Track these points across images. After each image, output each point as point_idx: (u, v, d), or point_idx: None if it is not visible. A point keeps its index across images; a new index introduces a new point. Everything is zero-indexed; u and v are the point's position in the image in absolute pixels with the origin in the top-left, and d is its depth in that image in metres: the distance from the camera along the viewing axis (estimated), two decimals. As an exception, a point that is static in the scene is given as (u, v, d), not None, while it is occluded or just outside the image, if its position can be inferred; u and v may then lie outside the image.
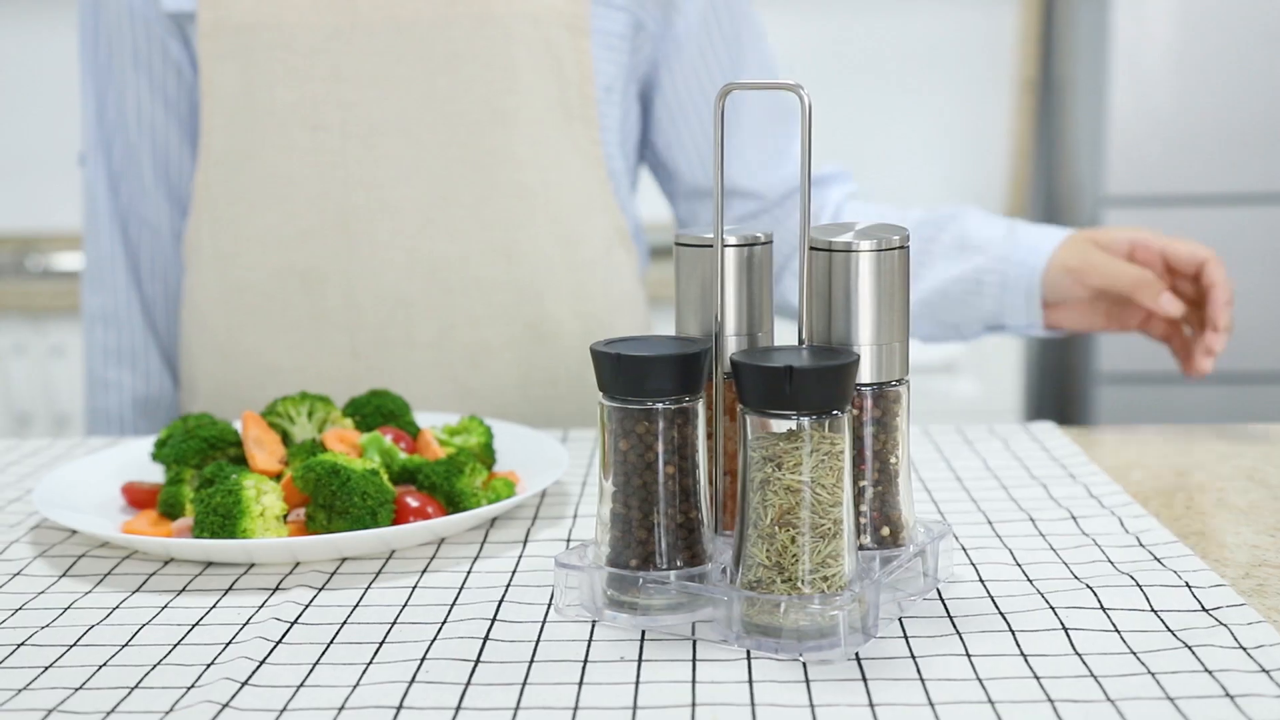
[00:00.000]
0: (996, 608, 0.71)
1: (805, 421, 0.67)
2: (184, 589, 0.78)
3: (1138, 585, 0.72)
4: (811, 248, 0.73)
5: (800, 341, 0.73)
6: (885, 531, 0.74)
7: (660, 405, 0.71)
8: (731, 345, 0.76)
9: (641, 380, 0.71)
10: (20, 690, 0.65)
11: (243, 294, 1.14)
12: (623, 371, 0.71)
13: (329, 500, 0.83)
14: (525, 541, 0.85)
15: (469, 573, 0.80)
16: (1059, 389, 2.83)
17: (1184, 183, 2.52)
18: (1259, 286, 2.52)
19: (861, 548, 0.74)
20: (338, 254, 1.12)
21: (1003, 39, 2.96)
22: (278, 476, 0.89)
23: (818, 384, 0.67)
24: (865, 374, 0.73)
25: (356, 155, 1.10)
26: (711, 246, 0.76)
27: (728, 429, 0.77)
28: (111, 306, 1.20)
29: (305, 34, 1.09)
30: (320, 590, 0.78)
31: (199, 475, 0.87)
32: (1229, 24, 2.46)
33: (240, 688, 0.64)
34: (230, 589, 0.78)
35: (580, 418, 1.17)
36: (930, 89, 2.95)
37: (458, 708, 0.62)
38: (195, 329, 1.18)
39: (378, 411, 0.97)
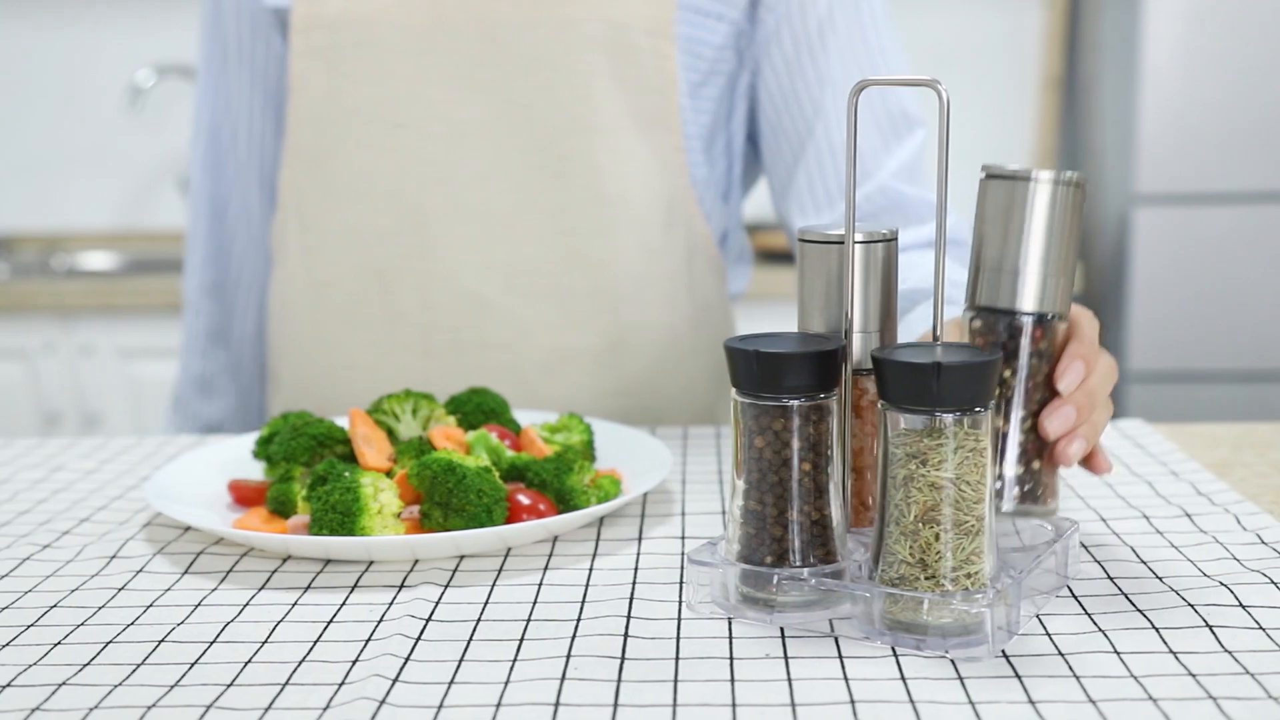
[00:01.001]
0: (1134, 605, 0.71)
1: (950, 419, 0.67)
2: (309, 586, 0.78)
3: (1273, 583, 0.72)
4: (989, 176, 0.75)
5: (935, 339, 0.73)
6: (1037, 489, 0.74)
7: (797, 402, 0.71)
8: (857, 342, 0.76)
9: (780, 377, 0.71)
10: (172, 687, 0.65)
11: (324, 290, 1.14)
12: (762, 368, 0.71)
13: (445, 498, 0.83)
14: (640, 539, 0.85)
15: (591, 570, 0.80)
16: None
17: (1215, 180, 2.52)
18: (1294, 284, 2.53)
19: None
20: (414, 254, 1.12)
21: (1027, 37, 2.97)
22: (387, 474, 0.89)
23: (964, 381, 0.67)
24: (1029, 302, 0.73)
25: (436, 155, 1.10)
26: (837, 243, 0.76)
27: (855, 426, 0.77)
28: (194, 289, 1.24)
29: (391, 32, 1.09)
30: (446, 588, 0.78)
31: (311, 473, 0.87)
32: (1258, 21, 2.46)
33: (392, 684, 0.64)
34: (355, 586, 0.78)
35: (654, 427, 1.17)
36: (953, 88, 2.95)
37: (615, 704, 0.62)
38: (280, 323, 1.18)
39: (479, 409, 0.97)
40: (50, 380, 2.62)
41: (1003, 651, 0.66)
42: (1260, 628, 0.67)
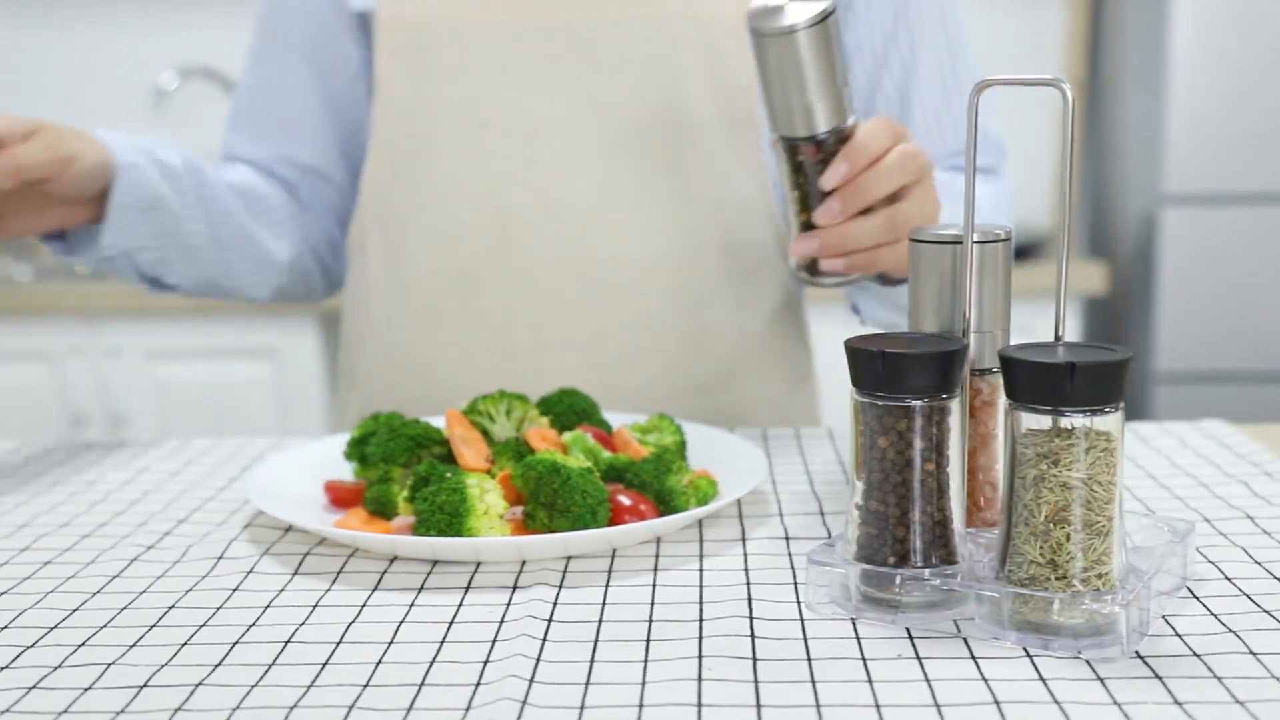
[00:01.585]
0: (1259, 606, 0.71)
1: (1082, 418, 0.67)
2: (422, 587, 0.78)
3: (1395, 582, 0.72)
4: (756, 34, 0.90)
5: (1056, 338, 0.73)
6: None
7: (921, 402, 0.71)
8: (971, 343, 0.76)
9: (906, 377, 0.71)
10: (309, 687, 0.65)
11: (405, 289, 1.14)
12: (887, 368, 0.71)
13: (550, 499, 0.83)
14: (743, 540, 0.85)
15: (701, 571, 0.80)
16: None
17: (1243, 181, 2.53)
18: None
19: None
20: (496, 253, 1.12)
21: (1049, 38, 2.97)
22: (487, 475, 0.88)
23: (1097, 380, 0.67)
24: (801, 128, 0.92)
25: (520, 155, 1.10)
26: (951, 243, 0.76)
27: (970, 426, 0.77)
28: None
29: (476, 32, 1.09)
30: (560, 589, 0.77)
31: (412, 474, 0.87)
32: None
33: (530, 685, 0.64)
34: (469, 587, 0.78)
35: (730, 426, 1.17)
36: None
37: (757, 704, 0.62)
38: (358, 322, 1.18)
39: (570, 410, 0.97)
40: (76, 382, 2.62)
41: (1136, 652, 0.66)
42: (1392, 628, 0.67)
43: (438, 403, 1.14)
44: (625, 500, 0.86)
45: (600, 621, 0.73)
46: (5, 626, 0.73)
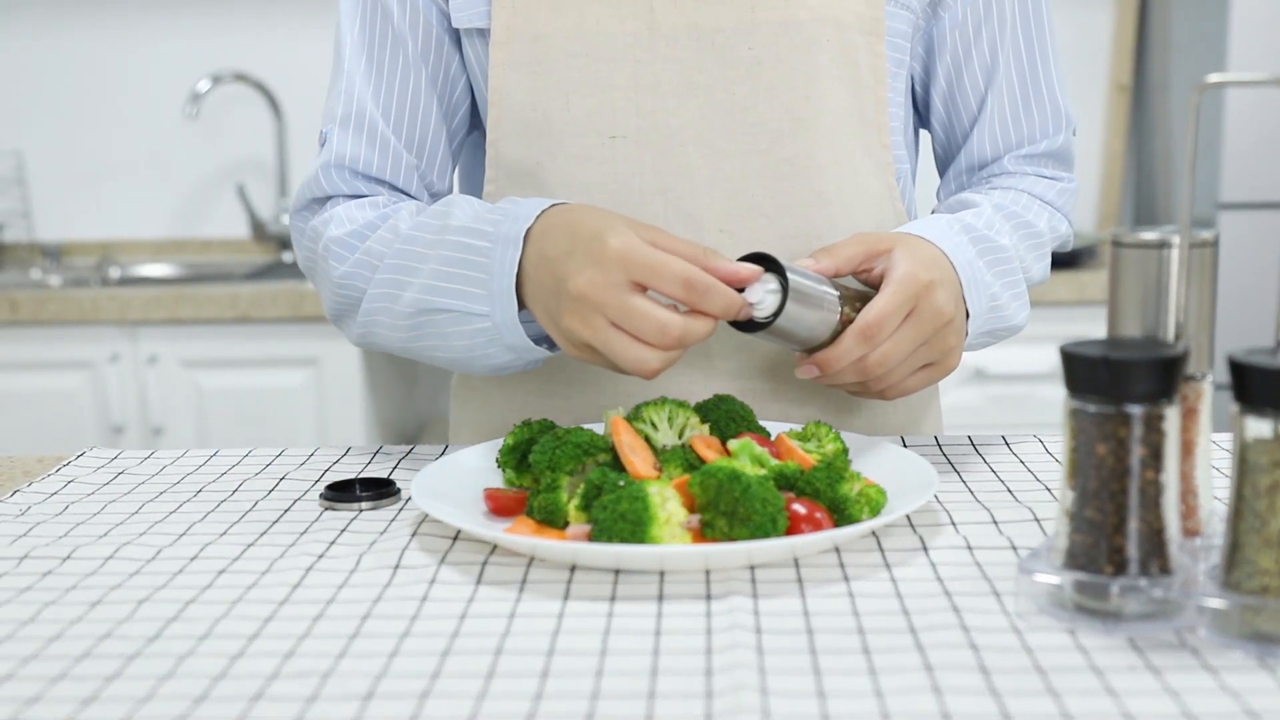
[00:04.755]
0: None
1: (1318, 425, 0.66)
2: (614, 597, 0.77)
3: None
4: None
5: (1278, 344, 0.72)
6: None
7: (1141, 409, 0.70)
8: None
9: (1128, 383, 0.69)
10: (538, 698, 0.63)
11: None
12: (1110, 374, 0.69)
13: (731, 507, 0.81)
14: (925, 549, 0.84)
15: (894, 580, 0.79)
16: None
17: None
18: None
19: None
20: None
21: (1094, 43, 2.96)
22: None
23: (1338, 386, 0.65)
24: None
25: (654, 164, 1.08)
26: (1158, 248, 0.75)
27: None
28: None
29: (605, 42, 1.07)
30: (756, 598, 0.76)
31: (584, 481, 0.86)
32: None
33: (764, 696, 0.63)
34: (662, 597, 0.76)
35: (871, 431, 1.15)
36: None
37: (1006, 716, 0.61)
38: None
39: (728, 416, 0.95)
40: (114, 391, 2.59)
41: (1377, 663, 0.65)
42: None
43: (572, 414, 1.12)
44: (800, 509, 0.85)
45: (810, 631, 0.71)
46: (205, 636, 0.72)
